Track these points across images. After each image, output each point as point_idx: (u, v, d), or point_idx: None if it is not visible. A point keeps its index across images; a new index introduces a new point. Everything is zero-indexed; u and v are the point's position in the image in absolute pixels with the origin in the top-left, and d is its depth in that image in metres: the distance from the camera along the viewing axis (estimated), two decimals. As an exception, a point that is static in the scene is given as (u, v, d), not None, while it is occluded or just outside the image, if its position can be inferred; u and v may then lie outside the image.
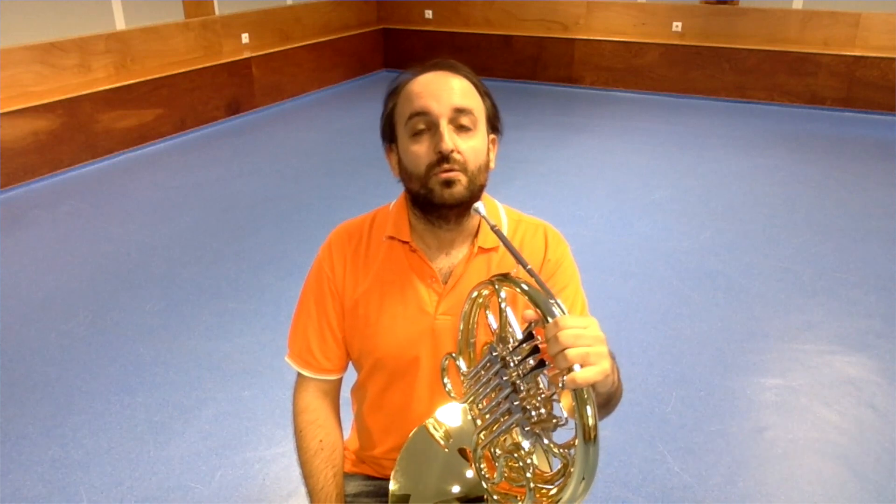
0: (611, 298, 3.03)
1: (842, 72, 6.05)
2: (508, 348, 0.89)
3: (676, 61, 6.57)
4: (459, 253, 1.14)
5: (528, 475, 0.87)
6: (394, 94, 1.10)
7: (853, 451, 2.15)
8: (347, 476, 1.28)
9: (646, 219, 3.87)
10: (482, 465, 0.94)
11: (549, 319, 0.82)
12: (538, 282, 0.87)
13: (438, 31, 7.44)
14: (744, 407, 2.35)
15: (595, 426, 0.77)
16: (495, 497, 0.93)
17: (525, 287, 0.87)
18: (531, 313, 0.85)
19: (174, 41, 5.59)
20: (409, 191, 1.10)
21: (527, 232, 1.16)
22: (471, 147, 1.04)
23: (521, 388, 0.86)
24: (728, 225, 3.79)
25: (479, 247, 1.13)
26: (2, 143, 4.23)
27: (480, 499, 0.96)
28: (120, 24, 5.20)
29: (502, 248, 1.14)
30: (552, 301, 0.84)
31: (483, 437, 0.92)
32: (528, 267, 0.89)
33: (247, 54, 6.00)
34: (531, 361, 0.84)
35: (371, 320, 1.14)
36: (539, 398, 0.86)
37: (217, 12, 6.00)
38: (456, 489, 0.98)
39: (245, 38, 6.27)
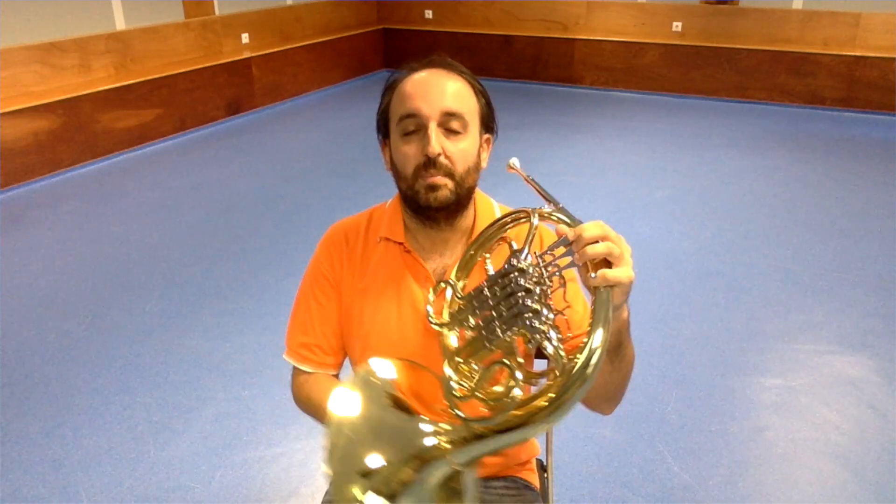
0: (611, 298, 3.02)
1: (842, 72, 6.04)
2: (535, 252, 0.91)
3: (676, 61, 6.57)
4: (453, 253, 1.14)
5: (519, 375, 0.85)
6: (389, 90, 1.11)
7: (853, 451, 2.15)
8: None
9: (646, 219, 3.86)
10: (454, 376, 0.90)
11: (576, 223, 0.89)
12: (566, 212, 0.94)
13: (438, 31, 7.44)
14: (744, 407, 2.35)
15: (595, 367, 0.78)
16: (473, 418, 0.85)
17: (562, 210, 0.94)
18: (564, 228, 0.90)
19: (174, 41, 5.59)
20: (398, 188, 1.12)
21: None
22: (459, 150, 1.05)
23: (546, 282, 0.87)
24: (728, 225, 3.79)
25: None
26: (2, 143, 4.23)
27: (431, 458, 0.86)
28: (120, 24, 5.20)
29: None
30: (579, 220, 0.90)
31: (469, 350, 0.91)
32: (561, 205, 0.94)
33: (247, 54, 6.00)
34: (561, 261, 0.87)
35: (366, 320, 1.14)
36: (550, 315, 0.86)
37: (217, 12, 6.00)
38: (392, 454, 0.87)
39: (245, 38, 6.27)
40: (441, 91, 1.05)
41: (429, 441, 0.87)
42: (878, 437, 2.21)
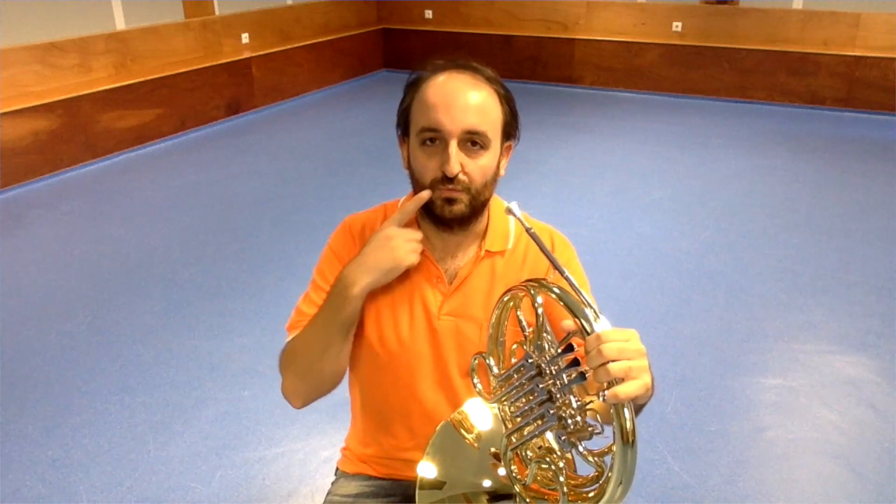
0: (611, 298, 3.03)
1: (842, 72, 6.04)
2: (545, 357, 0.87)
3: (676, 61, 6.57)
4: (466, 255, 1.14)
5: (561, 479, 0.87)
6: (412, 88, 1.08)
7: (853, 451, 2.15)
8: (348, 476, 1.28)
9: (646, 219, 3.86)
10: (513, 467, 0.93)
11: (589, 331, 0.80)
12: (575, 289, 0.85)
13: (438, 31, 7.44)
14: (744, 407, 2.35)
15: (633, 430, 0.77)
16: (527, 500, 0.93)
17: (564, 296, 0.85)
18: (570, 324, 0.84)
19: (174, 41, 5.59)
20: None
21: None
22: (479, 167, 1.04)
23: (557, 397, 0.85)
24: (728, 225, 3.79)
25: (487, 250, 1.13)
26: (2, 143, 4.23)
27: (511, 496, 0.96)
28: (120, 24, 5.20)
29: (508, 252, 1.14)
30: (590, 309, 0.82)
31: (514, 440, 0.92)
32: (566, 273, 0.88)
33: (247, 54, 6.00)
34: (571, 374, 0.83)
35: (374, 317, 1.14)
36: (574, 406, 0.85)
37: (217, 12, 6.00)
38: (487, 483, 0.98)
39: (245, 38, 6.27)
40: (464, 105, 1.02)
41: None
42: (878, 437, 2.21)
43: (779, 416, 2.30)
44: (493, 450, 0.99)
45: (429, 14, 7.65)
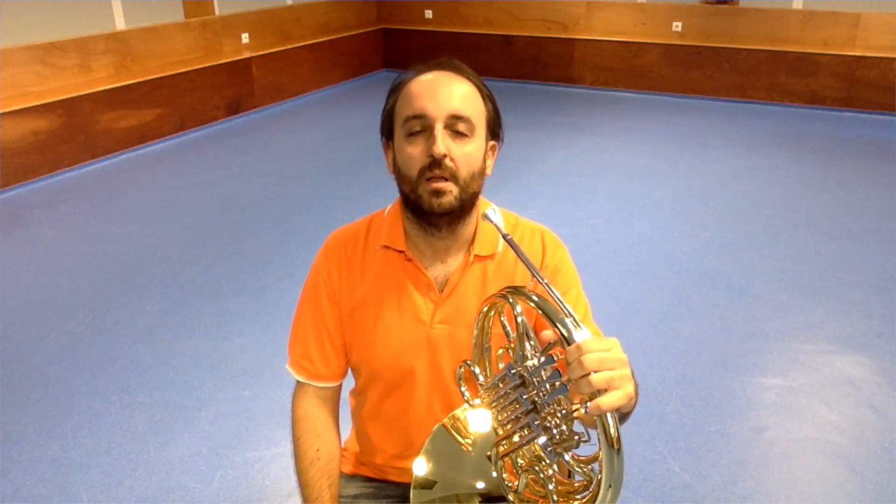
0: (610, 298, 3.03)
1: (842, 72, 6.04)
2: (528, 367, 0.86)
3: (676, 61, 6.57)
4: (455, 261, 1.12)
5: (551, 487, 0.87)
6: (395, 90, 1.08)
7: (853, 451, 2.15)
8: (347, 477, 1.28)
9: (646, 219, 3.86)
10: (504, 474, 0.93)
11: (569, 340, 0.79)
12: (555, 297, 0.84)
13: (438, 31, 7.44)
14: (744, 407, 2.35)
15: (618, 436, 0.76)
16: None
17: (543, 304, 0.84)
18: (550, 334, 0.83)
19: (174, 41, 5.59)
20: (400, 191, 1.09)
21: (523, 237, 1.15)
22: (465, 154, 1.02)
23: (542, 407, 0.85)
24: (728, 225, 3.79)
25: (476, 255, 1.11)
26: (2, 143, 4.23)
27: (503, 498, 0.96)
28: (120, 24, 5.20)
29: (498, 255, 1.13)
30: (570, 318, 0.81)
31: (503, 448, 0.92)
32: (545, 281, 0.87)
33: (247, 54, 6.00)
34: (553, 384, 0.82)
35: (367, 329, 1.13)
36: (559, 415, 0.84)
37: (217, 12, 6.00)
38: (480, 485, 0.98)
39: (245, 38, 6.27)
40: (449, 93, 1.02)
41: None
42: (878, 437, 2.21)
43: (779, 416, 2.30)
44: (488, 453, 0.99)
45: (429, 14, 7.65)
